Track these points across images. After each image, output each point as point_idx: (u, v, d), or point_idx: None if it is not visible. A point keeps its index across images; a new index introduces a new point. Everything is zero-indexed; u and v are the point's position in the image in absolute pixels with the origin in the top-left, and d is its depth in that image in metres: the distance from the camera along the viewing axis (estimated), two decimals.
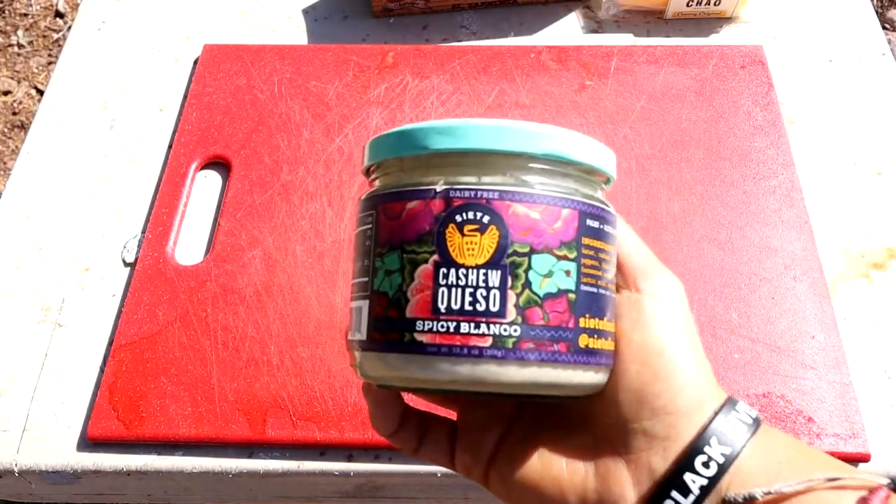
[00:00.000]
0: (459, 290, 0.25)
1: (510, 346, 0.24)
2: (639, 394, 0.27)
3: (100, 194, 0.61)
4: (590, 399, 0.28)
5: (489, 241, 0.25)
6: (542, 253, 0.25)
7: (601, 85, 0.64)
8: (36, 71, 1.63)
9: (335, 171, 0.60)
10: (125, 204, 0.60)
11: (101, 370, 0.52)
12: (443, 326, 0.24)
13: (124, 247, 0.58)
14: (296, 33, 0.71)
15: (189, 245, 0.57)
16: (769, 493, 0.25)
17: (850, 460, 0.47)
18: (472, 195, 0.25)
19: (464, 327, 0.24)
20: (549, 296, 0.25)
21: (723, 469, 0.26)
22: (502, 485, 0.30)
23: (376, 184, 0.28)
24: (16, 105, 1.58)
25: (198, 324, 0.53)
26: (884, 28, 0.66)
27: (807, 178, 0.60)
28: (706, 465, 0.26)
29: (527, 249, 0.25)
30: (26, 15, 1.71)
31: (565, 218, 0.26)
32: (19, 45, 1.67)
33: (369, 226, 0.27)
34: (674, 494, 0.26)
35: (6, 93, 1.59)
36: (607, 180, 0.29)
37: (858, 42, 0.68)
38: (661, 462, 0.27)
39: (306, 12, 0.73)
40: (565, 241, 0.25)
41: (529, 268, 0.25)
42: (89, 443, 0.49)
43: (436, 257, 0.25)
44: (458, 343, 0.24)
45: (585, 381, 0.26)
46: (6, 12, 1.71)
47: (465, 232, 0.25)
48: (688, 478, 0.26)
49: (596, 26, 0.70)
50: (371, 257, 0.27)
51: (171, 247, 0.56)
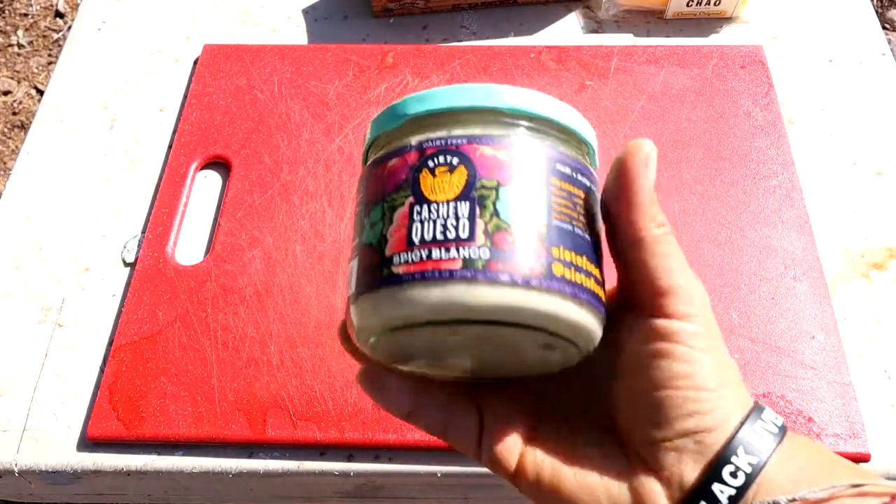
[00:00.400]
0: (431, 222, 0.26)
1: (480, 267, 0.25)
2: (669, 417, 0.27)
3: (100, 194, 0.61)
4: (619, 423, 0.29)
5: (458, 178, 0.26)
6: (509, 186, 0.26)
7: (601, 85, 0.64)
8: (36, 71, 1.63)
9: (335, 171, 0.60)
10: (125, 204, 0.60)
11: (101, 370, 0.52)
12: (416, 256, 0.25)
13: (124, 247, 0.58)
14: (296, 33, 0.71)
15: (189, 245, 0.58)
16: (794, 500, 0.25)
17: (850, 460, 0.47)
18: (443, 143, 0.27)
19: (435, 253, 0.25)
20: (518, 223, 0.26)
21: (750, 478, 0.26)
22: (533, 484, 0.29)
23: (365, 166, 0.30)
24: (16, 105, 1.58)
25: (198, 324, 0.53)
26: (884, 28, 0.66)
27: (807, 178, 0.60)
28: (734, 475, 0.26)
29: (494, 184, 0.26)
30: (26, 15, 1.71)
31: (533, 158, 0.27)
32: (19, 45, 1.67)
33: (361, 194, 0.29)
34: None
35: (6, 93, 1.59)
36: (588, 151, 0.29)
37: (858, 42, 0.69)
38: (691, 474, 0.27)
39: (306, 12, 0.73)
40: (534, 178, 0.27)
41: (497, 199, 0.26)
42: (89, 443, 0.49)
43: (411, 199, 0.26)
44: (429, 268, 0.25)
45: (566, 314, 0.26)
46: (6, 12, 1.71)
47: (437, 173, 0.26)
48: (716, 488, 0.26)
49: (596, 26, 0.70)
50: (361, 220, 0.28)
51: (171, 247, 0.56)
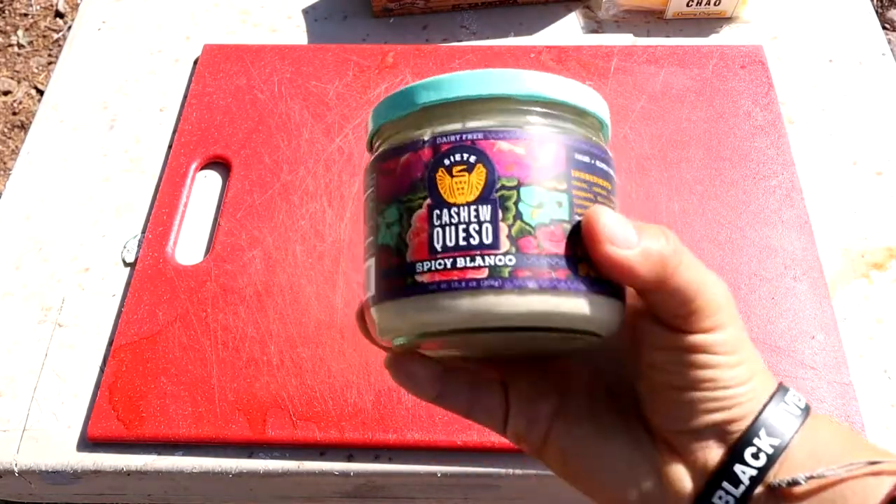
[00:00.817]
0: (453, 227, 0.25)
1: (506, 275, 0.25)
2: (695, 413, 0.27)
3: (100, 194, 0.61)
4: (644, 408, 0.29)
5: (477, 178, 0.25)
6: (530, 185, 0.25)
7: (601, 85, 0.64)
8: (36, 71, 1.63)
9: (335, 171, 0.60)
10: (125, 204, 0.60)
11: (101, 370, 0.52)
12: (440, 264, 0.25)
13: (124, 247, 0.58)
14: (296, 33, 0.71)
15: (189, 245, 0.58)
16: (812, 477, 0.26)
17: None
18: (458, 139, 0.26)
19: (460, 262, 0.25)
20: (541, 225, 0.25)
21: (772, 459, 0.27)
22: (559, 461, 0.30)
23: (377, 150, 0.29)
24: (16, 105, 1.58)
25: (198, 324, 0.53)
26: (884, 28, 0.66)
27: (807, 178, 0.60)
28: (756, 456, 0.27)
29: (514, 183, 0.25)
30: (26, 15, 1.71)
31: (551, 152, 0.26)
32: (19, 45, 1.67)
33: (372, 188, 0.28)
34: (725, 485, 0.27)
35: (6, 93, 1.59)
36: (602, 127, 0.29)
37: (858, 42, 0.68)
38: (715, 457, 0.27)
39: (306, 12, 0.73)
40: (554, 174, 0.26)
41: (519, 199, 0.25)
42: (89, 443, 0.49)
43: (429, 201, 0.26)
44: (455, 277, 0.25)
45: (592, 313, 0.26)
46: (6, 12, 1.71)
47: (454, 173, 0.26)
48: (738, 469, 0.27)
49: (596, 26, 0.70)
50: (375, 217, 0.27)
51: (171, 247, 0.56)
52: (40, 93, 1.60)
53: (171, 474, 0.49)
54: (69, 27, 1.68)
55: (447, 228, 0.25)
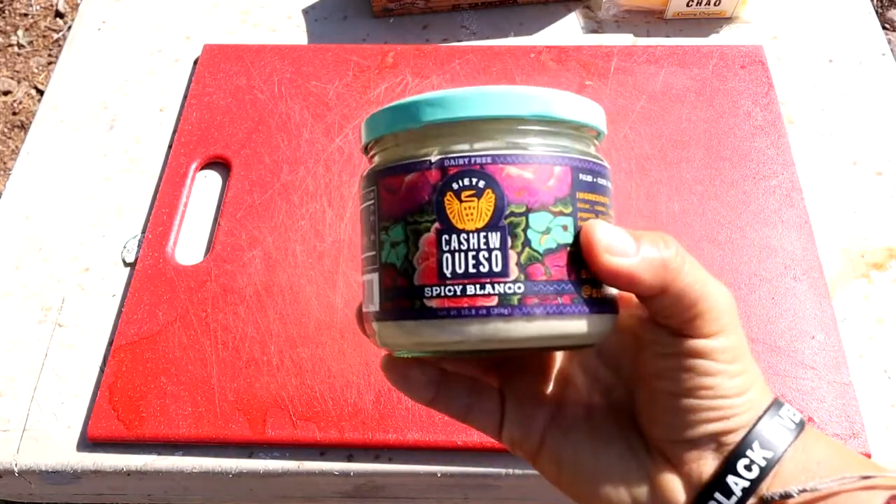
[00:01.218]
0: (462, 254, 0.25)
1: (515, 303, 0.25)
2: (692, 422, 0.27)
3: (100, 194, 0.61)
4: (640, 417, 0.29)
5: (486, 204, 0.26)
6: (538, 211, 0.26)
7: (601, 85, 0.64)
8: (36, 71, 1.63)
9: (335, 171, 0.60)
10: (125, 204, 0.60)
11: (101, 370, 0.52)
12: (450, 290, 0.25)
13: (124, 247, 0.58)
14: (296, 33, 0.71)
15: (189, 245, 0.58)
16: (804, 490, 0.26)
17: None
18: (466, 162, 0.26)
19: (470, 289, 0.25)
20: (549, 251, 0.26)
21: (765, 472, 0.27)
22: (554, 468, 0.30)
23: (375, 160, 0.29)
24: (16, 105, 1.58)
25: (198, 324, 0.53)
26: (884, 28, 0.66)
27: (807, 178, 0.60)
28: (748, 468, 0.27)
29: (523, 209, 0.26)
30: (26, 15, 1.71)
31: (558, 175, 0.26)
32: (19, 45, 1.67)
33: (372, 202, 0.28)
34: (717, 496, 0.27)
35: (6, 93, 1.59)
36: (598, 135, 0.29)
37: (858, 42, 0.68)
38: (709, 468, 0.27)
39: (306, 12, 0.73)
40: (560, 198, 0.26)
41: (527, 226, 0.26)
42: (89, 443, 0.49)
43: (437, 225, 0.26)
44: (465, 305, 0.25)
45: (591, 329, 0.27)
46: (6, 12, 1.71)
47: (463, 198, 0.26)
48: (730, 480, 0.27)
49: (596, 26, 0.70)
50: (377, 231, 0.27)
51: (171, 247, 0.56)
52: (40, 93, 1.60)
53: (171, 474, 0.49)
54: (69, 27, 1.68)
55: (456, 255, 0.25)
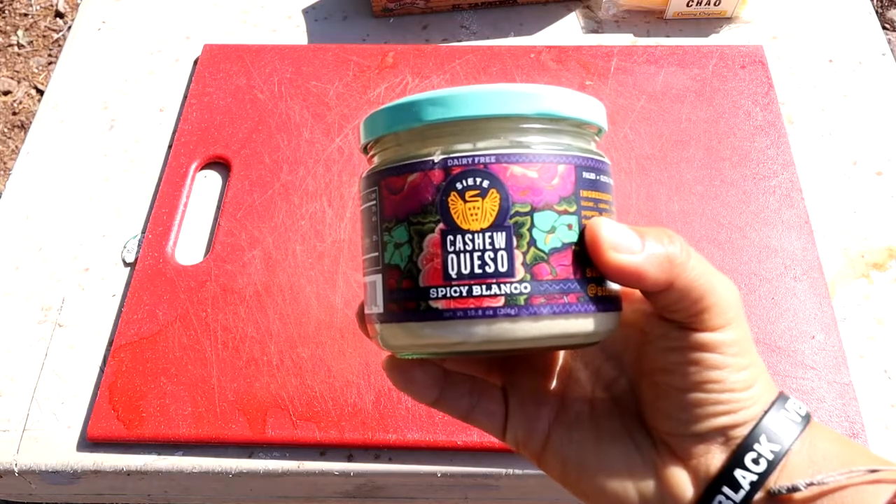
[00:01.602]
0: (467, 254, 0.25)
1: (522, 303, 0.25)
2: (699, 416, 0.27)
3: (100, 194, 0.61)
4: (645, 412, 0.29)
5: (491, 204, 0.25)
6: (543, 210, 0.26)
7: (601, 85, 0.64)
8: (36, 71, 1.63)
9: (335, 171, 0.60)
10: (125, 204, 0.60)
11: (101, 370, 0.52)
12: (455, 291, 0.25)
13: (124, 247, 0.58)
14: (296, 33, 0.71)
15: (189, 245, 0.58)
16: (812, 483, 0.26)
17: None
18: (470, 161, 0.26)
19: (476, 290, 0.25)
20: (554, 251, 0.26)
21: (772, 465, 0.27)
22: (559, 466, 0.30)
23: (375, 160, 0.29)
24: (16, 105, 1.58)
25: (198, 324, 0.53)
26: (884, 28, 0.66)
27: (807, 178, 0.60)
28: (756, 461, 0.27)
29: (528, 209, 0.26)
30: (26, 15, 1.71)
31: (562, 174, 0.26)
32: (19, 45, 1.67)
33: (373, 202, 0.28)
34: (725, 490, 0.27)
35: (6, 93, 1.59)
36: (599, 131, 0.29)
37: (858, 42, 0.68)
38: (716, 462, 0.28)
39: (306, 12, 0.73)
40: (564, 196, 0.26)
41: (532, 226, 0.25)
42: (89, 443, 0.49)
43: (441, 225, 0.26)
44: (471, 306, 0.25)
45: (597, 327, 0.27)
46: (6, 12, 1.71)
47: (467, 198, 0.26)
48: (738, 474, 0.27)
49: (596, 26, 0.70)
50: (379, 232, 0.27)
51: (171, 247, 0.56)
52: (40, 93, 1.60)
53: (171, 474, 0.49)
54: (69, 27, 1.68)
55: (461, 255, 0.25)
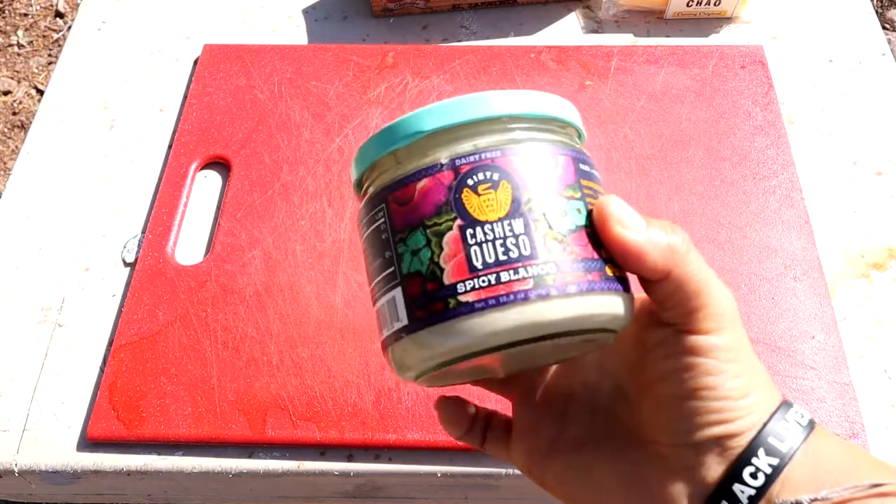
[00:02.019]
0: (490, 244, 0.25)
1: (551, 282, 0.25)
2: (695, 425, 0.27)
3: (100, 194, 0.61)
4: (644, 427, 0.29)
5: (504, 195, 0.26)
6: (553, 196, 0.26)
7: (601, 85, 0.64)
8: (36, 71, 1.63)
9: (335, 171, 0.60)
10: (125, 204, 0.60)
11: (101, 370, 0.52)
12: (484, 281, 0.25)
13: (124, 247, 0.58)
14: (296, 33, 0.71)
15: (189, 245, 0.58)
16: (815, 499, 0.26)
17: None
18: (477, 158, 0.26)
19: (504, 276, 0.25)
20: (570, 232, 0.26)
21: (770, 479, 0.26)
22: (559, 486, 0.31)
23: (371, 190, 0.29)
24: (16, 105, 1.58)
25: (198, 324, 0.53)
26: (884, 28, 0.66)
27: (807, 178, 0.60)
28: (754, 475, 0.27)
29: (539, 195, 0.26)
30: (26, 15, 1.71)
31: (563, 164, 0.27)
32: (19, 45, 1.67)
33: (381, 220, 0.27)
34: None
35: (6, 93, 1.59)
36: (580, 135, 0.30)
37: (858, 42, 0.68)
38: (714, 474, 0.27)
39: (306, 12, 0.73)
40: (569, 184, 0.27)
41: (546, 211, 0.26)
42: (89, 443, 0.49)
43: (459, 221, 0.26)
44: (502, 292, 0.25)
45: (625, 307, 0.27)
46: (6, 12, 1.71)
47: (480, 192, 0.26)
48: (736, 489, 0.27)
49: (596, 26, 0.70)
50: (392, 246, 0.27)
51: (171, 247, 0.56)
52: (40, 93, 1.60)
53: (171, 474, 0.49)
54: (69, 27, 1.68)
55: (484, 246, 0.25)
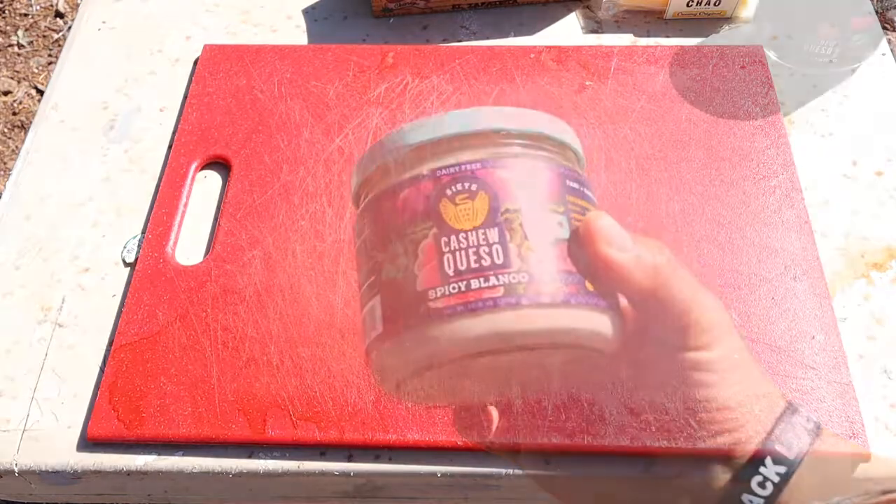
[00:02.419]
0: (462, 252, 0.25)
1: (522, 291, 0.25)
2: (697, 437, 0.27)
3: (100, 194, 0.61)
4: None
5: (481, 204, 0.26)
6: (532, 208, 0.26)
7: (601, 85, 0.64)
8: (36, 71, 1.63)
9: (335, 171, 0.60)
10: (125, 204, 0.60)
11: (101, 370, 0.52)
12: (454, 288, 0.25)
13: (124, 247, 0.58)
14: (296, 33, 0.71)
15: (189, 245, 0.57)
16: None
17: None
18: (457, 170, 0.26)
19: (474, 283, 0.25)
20: (549, 245, 0.26)
21: (779, 488, 0.26)
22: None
23: (363, 202, 0.29)
24: (16, 105, 1.58)
25: (198, 324, 0.53)
26: (884, 28, 0.66)
27: (807, 178, 0.60)
28: (762, 485, 0.26)
29: (517, 206, 0.26)
30: (26, 15, 1.71)
31: (547, 179, 0.27)
32: (19, 45, 1.67)
33: (368, 230, 0.28)
34: None
35: (6, 93, 1.59)
36: (579, 160, 0.30)
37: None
38: (720, 483, 0.27)
39: (306, 12, 0.73)
40: (553, 199, 0.27)
41: (524, 222, 0.26)
42: (89, 443, 0.49)
43: (434, 230, 0.26)
44: (472, 299, 0.25)
45: (599, 326, 0.26)
46: (6, 12, 1.71)
47: (457, 202, 0.26)
48: (745, 499, 0.27)
49: (596, 26, 0.70)
50: (374, 256, 0.27)
51: (171, 247, 0.56)
52: (40, 93, 1.60)
53: (172, 474, 0.49)
54: (69, 27, 1.68)
55: (457, 254, 0.25)
